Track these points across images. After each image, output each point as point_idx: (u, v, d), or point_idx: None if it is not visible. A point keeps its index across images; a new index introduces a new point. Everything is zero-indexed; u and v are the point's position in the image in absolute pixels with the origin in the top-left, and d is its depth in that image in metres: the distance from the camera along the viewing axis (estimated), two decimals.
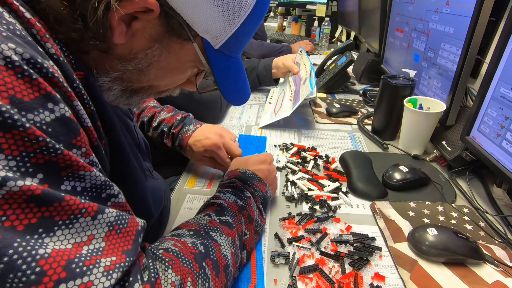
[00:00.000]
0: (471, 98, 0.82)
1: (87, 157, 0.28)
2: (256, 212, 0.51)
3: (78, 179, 0.26)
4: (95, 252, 0.26)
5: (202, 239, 0.39)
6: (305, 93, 0.85)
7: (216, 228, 0.42)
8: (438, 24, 0.79)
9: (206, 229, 0.42)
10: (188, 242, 0.37)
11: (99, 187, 0.28)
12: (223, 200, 0.48)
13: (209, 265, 0.36)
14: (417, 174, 0.67)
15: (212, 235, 0.41)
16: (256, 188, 0.54)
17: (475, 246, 0.49)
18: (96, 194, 0.28)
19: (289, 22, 2.47)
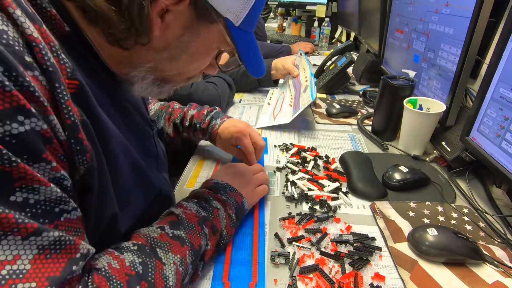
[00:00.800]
0: (471, 98, 0.82)
1: (57, 171, 0.28)
2: (223, 223, 0.50)
3: (32, 191, 0.26)
4: (16, 274, 0.25)
5: (144, 257, 0.37)
6: (306, 102, 0.86)
7: (165, 244, 0.40)
8: (437, 25, 0.79)
9: (153, 245, 0.40)
10: (126, 261, 0.35)
11: (54, 201, 0.28)
12: (184, 210, 0.47)
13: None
14: (417, 175, 0.67)
15: (158, 252, 0.39)
16: (228, 197, 0.53)
17: (475, 246, 0.50)
18: (50, 208, 0.28)
19: (289, 22, 2.47)
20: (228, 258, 0.50)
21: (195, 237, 0.44)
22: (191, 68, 0.44)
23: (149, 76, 0.41)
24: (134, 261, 0.36)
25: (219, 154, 0.79)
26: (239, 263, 0.49)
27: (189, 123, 0.73)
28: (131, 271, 0.35)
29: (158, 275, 0.37)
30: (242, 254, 0.51)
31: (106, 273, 0.32)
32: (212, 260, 0.49)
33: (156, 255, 0.39)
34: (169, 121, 0.74)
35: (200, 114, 0.73)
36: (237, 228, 0.55)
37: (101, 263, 0.34)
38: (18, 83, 0.25)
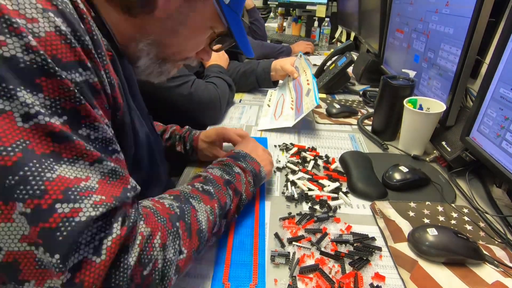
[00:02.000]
0: (471, 98, 0.82)
1: (104, 118, 0.34)
2: (244, 186, 0.54)
3: (93, 129, 0.32)
4: (90, 188, 0.30)
5: (180, 203, 0.43)
6: (310, 106, 0.85)
7: (196, 196, 0.46)
8: (437, 25, 0.79)
9: (186, 196, 0.45)
10: (166, 203, 0.41)
11: (108, 140, 0.33)
12: (209, 173, 0.52)
13: (182, 226, 0.40)
14: (417, 175, 0.67)
15: (191, 201, 0.45)
16: (247, 164, 0.57)
17: (475, 246, 0.50)
18: (105, 146, 0.33)
19: (289, 22, 2.47)
20: (228, 258, 0.50)
21: (221, 195, 0.49)
22: (189, 45, 0.49)
23: (152, 51, 0.46)
24: (172, 205, 0.42)
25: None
26: (239, 264, 0.49)
27: (169, 136, 0.76)
28: (170, 211, 0.40)
29: (193, 218, 0.42)
30: (242, 255, 0.50)
31: (151, 209, 0.38)
32: (212, 261, 0.49)
33: (189, 203, 0.44)
34: None
35: (182, 129, 0.77)
36: (240, 218, 0.57)
37: (145, 204, 0.39)
38: (81, 42, 0.31)
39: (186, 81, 0.90)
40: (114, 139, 0.34)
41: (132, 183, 0.35)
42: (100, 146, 0.32)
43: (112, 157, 0.34)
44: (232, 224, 0.56)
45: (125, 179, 0.34)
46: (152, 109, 0.79)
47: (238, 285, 0.46)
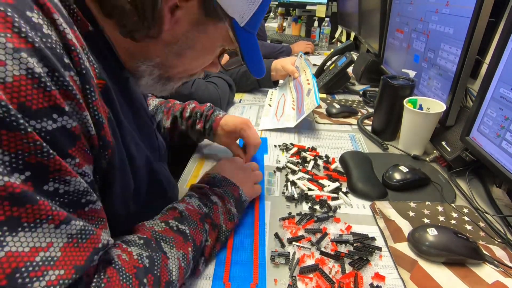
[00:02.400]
0: (471, 98, 0.82)
1: (79, 168, 0.30)
2: (222, 217, 0.51)
3: (63, 182, 0.28)
4: (48, 260, 0.26)
5: (150, 251, 0.39)
6: (311, 106, 0.85)
7: (169, 239, 0.42)
8: (437, 25, 0.79)
9: (158, 239, 0.41)
10: (134, 254, 0.37)
11: (81, 192, 0.30)
12: (186, 205, 0.48)
13: (150, 281, 0.36)
14: (417, 175, 0.67)
15: (163, 246, 0.41)
16: (225, 189, 0.54)
17: (475, 246, 0.50)
18: (77, 199, 0.30)
19: (289, 22, 2.47)
20: (229, 258, 0.50)
21: (197, 233, 0.46)
22: (195, 64, 0.47)
23: (156, 72, 0.43)
24: (141, 254, 0.37)
25: (219, 154, 0.79)
26: (239, 264, 0.49)
27: (189, 114, 0.74)
28: (138, 264, 0.36)
29: (163, 268, 0.38)
30: (243, 255, 0.51)
31: (117, 265, 0.34)
32: (213, 260, 0.49)
33: (161, 249, 0.40)
34: (168, 114, 0.75)
35: (202, 106, 0.75)
36: (240, 219, 0.56)
37: (112, 256, 0.35)
38: (59, 83, 0.28)
39: (186, 81, 0.90)
40: (88, 189, 0.31)
41: (104, 239, 0.32)
42: (70, 200, 0.29)
43: (85, 209, 0.31)
44: None
45: (96, 238, 0.31)
46: None
47: (238, 284, 0.46)
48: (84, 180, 0.31)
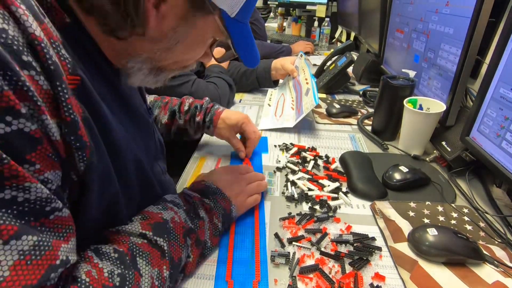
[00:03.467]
0: (471, 98, 0.82)
1: (40, 174, 0.28)
2: (207, 234, 0.49)
3: (23, 190, 0.26)
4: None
5: (124, 268, 0.36)
6: (309, 106, 0.86)
7: (145, 254, 0.39)
8: (438, 25, 0.79)
9: (134, 253, 0.38)
10: (105, 271, 0.34)
11: (44, 200, 0.28)
12: (173, 216, 0.45)
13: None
14: (417, 175, 0.67)
15: (138, 262, 0.38)
16: (216, 202, 0.52)
17: (475, 246, 0.50)
18: (40, 207, 0.28)
19: (289, 22, 2.47)
20: (231, 257, 0.50)
21: (176, 249, 0.43)
22: (186, 57, 0.45)
23: (145, 67, 0.41)
24: (112, 272, 0.35)
25: (219, 154, 0.79)
26: (241, 262, 0.49)
27: (188, 108, 0.74)
28: (108, 283, 0.34)
29: (134, 287, 0.36)
30: (244, 253, 0.51)
31: (82, 284, 0.31)
32: (214, 260, 0.49)
33: (135, 266, 0.37)
34: (165, 109, 0.74)
35: (201, 101, 0.75)
36: (240, 218, 0.57)
37: (79, 272, 0.32)
38: (13, 82, 0.25)
39: (186, 81, 0.90)
40: (52, 197, 0.28)
41: (63, 255, 0.29)
42: (32, 208, 0.27)
43: (50, 217, 0.28)
44: (233, 223, 0.56)
45: (53, 254, 0.28)
46: None
47: (241, 282, 0.46)
48: (48, 188, 0.29)
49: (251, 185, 0.59)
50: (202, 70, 1.12)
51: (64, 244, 0.30)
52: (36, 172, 0.28)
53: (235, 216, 0.55)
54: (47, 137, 0.28)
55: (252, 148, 0.74)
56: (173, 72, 0.46)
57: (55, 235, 0.29)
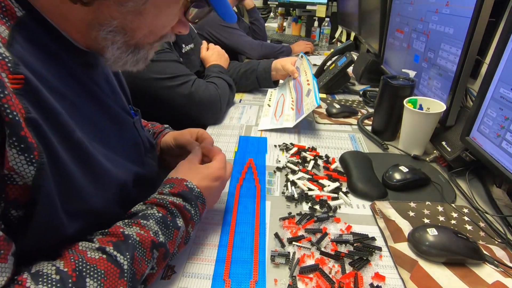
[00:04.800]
0: (471, 98, 0.82)
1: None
2: (178, 242, 0.45)
3: None
4: None
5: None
6: (310, 107, 0.85)
7: (100, 273, 0.34)
8: (438, 25, 0.79)
9: (83, 273, 0.34)
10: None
11: None
12: (140, 230, 0.40)
13: None
14: (417, 175, 0.67)
15: (87, 283, 0.33)
16: (196, 210, 0.47)
17: (475, 246, 0.50)
18: None
19: (289, 22, 2.47)
20: (229, 256, 0.50)
21: (141, 264, 0.39)
22: (160, 22, 0.42)
23: (118, 39, 0.39)
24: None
25: None
26: (239, 262, 0.49)
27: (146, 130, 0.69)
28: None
29: None
30: (243, 253, 0.51)
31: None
32: (213, 260, 0.50)
33: None
34: None
35: (161, 127, 0.70)
36: (241, 218, 0.55)
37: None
38: None
39: (186, 81, 0.90)
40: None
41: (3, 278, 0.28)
42: None
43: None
44: (233, 223, 0.56)
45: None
46: (151, 109, 0.80)
47: (238, 282, 0.46)
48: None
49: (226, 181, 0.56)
50: (202, 70, 1.13)
51: None
52: None
53: None
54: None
55: None
56: (151, 47, 0.44)
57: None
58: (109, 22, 0.37)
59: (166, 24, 0.43)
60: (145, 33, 0.41)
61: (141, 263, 0.39)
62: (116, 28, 0.38)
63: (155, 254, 0.41)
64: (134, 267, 0.38)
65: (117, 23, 0.38)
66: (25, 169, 0.30)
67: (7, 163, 0.29)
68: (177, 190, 0.46)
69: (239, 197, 0.63)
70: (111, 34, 0.38)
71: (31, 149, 0.30)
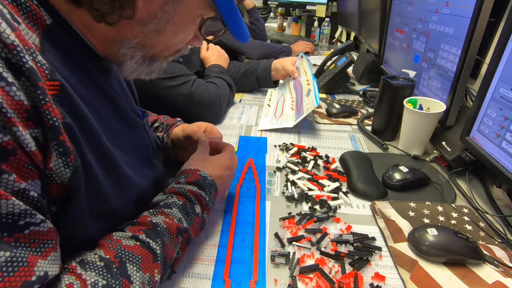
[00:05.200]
0: (471, 98, 0.82)
1: (20, 182, 0.28)
2: (197, 228, 0.48)
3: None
4: None
5: (110, 278, 0.34)
6: (310, 107, 0.85)
7: (137, 258, 0.38)
8: (437, 25, 0.79)
9: (123, 259, 0.37)
10: (88, 282, 0.32)
11: (17, 214, 0.27)
12: (165, 218, 0.44)
13: None
14: (417, 175, 0.67)
15: (128, 268, 0.36)
16: (211, 197, 0.51)
17: (475, 246, 0.50)
18: (12, 221, 0.27)
19: (289, 22, 2.47)
20: (229, 256, 0.50)
21: (170, 249, 0.42)
22: (178, 40, 0.44)
23: (138, 54, 0.41)
24: (96, 283, 0.33)
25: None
26: (239, 262, 0.49)
27: (158, 125, 0.73)
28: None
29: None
30: (243, 253, 0.51)
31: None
32: (213, 260, 0.50)
33: (124, 273, 0.36)
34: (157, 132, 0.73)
35: (173, 120, 0.73)
36: (241, 218, 0.57)
37: (61, 284, 0.31)
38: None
39: (186, 81, 0.90)
40: (28, 211, 0.28)
41: (41, 270, 0.28)
42: (3, 223, 0.26)
43: (25, 232, 0.28)
44: (233, 223, 0.56)
45: (28, 270, 0.27)
46: (151, 109, 0.80)
47: (238, 282, 0.46)
48: (26, 198, 0.28)
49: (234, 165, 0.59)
50: (202, 70, 1.13)
51: (42, 260, 0.29)
52: (11, 183, 0.27)
53: None
54: (21, 148, 0.28)
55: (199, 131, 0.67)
56: (166, 60, 0.46)
57: (31, 250, 0.28)
58: (130, 40, 0.40)
59: (183, 40, 0.45)
60: (162, 48, 0.43)
61: (169, 248, 0.42)
62: (137, 45, 0.40)
63: (179, 239, 0.44)
64: (165, 251, 0.41)
65: (138, 40, 0.40)
66: (62, 171, 0.32)
67: (49, 163, 0.31)
68: (192, 179, 0.50)
69: (239, 197, 0.63)
70: (131, 50, 0.40)
71: (68, 153, 0.32)
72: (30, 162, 0.29)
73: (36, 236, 0.29)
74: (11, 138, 0.27)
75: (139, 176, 0.47)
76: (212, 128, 0.69)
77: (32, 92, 0.28)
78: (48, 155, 0.30)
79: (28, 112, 0.28)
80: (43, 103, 0.29)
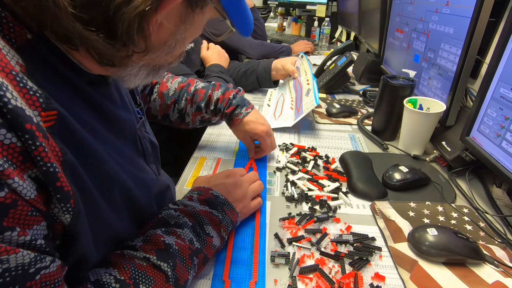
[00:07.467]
0: (471, 98, 0.82)
1: (25, 235, 0.26)
2: (215, 248, 0.48)
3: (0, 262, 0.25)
4: None
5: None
6: (310, 106, 0.85)
7: (149, 280, 0.38)
8: (438, 25, 0.79)
9: (137, 280, 0.37)
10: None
11: (27, 264, 0.27)
12: (177, 239, 0.44)
13: None
14: (417, 174, 0.67)
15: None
16: (224, 215, 0.50)
17: (475, 246, 0.50)
18: (22, 271, 0.26)
19: (289, 22, 2.47)
20: (229, 257, 0.50)
21: (183, 272, 0.42)
22: (182, 50, 0.42)
23: (142, 73, 0.39)
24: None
25: (219, 154, 0.79)
26: (239, 262, 0.49)
27: (214, 107, 0.73)
28: None
29: None
30: (243, 254, 0.51)
31: None
32: (213, 261, 0.50)
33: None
34: (192, 102, 0.74)
35: (225, 97, 0.73)
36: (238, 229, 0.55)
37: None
38: None
39: None
40: (37, 257, 0.27)
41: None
42: (14, 276, 0.26)
43: (36, 278, 0.27)
44: None
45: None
46: None
47: (238, 282, 0.46)
48: (33, 246, 0.27)
49: (253, 186, 0.59)
50: (202, 70, 1.12)
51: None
52: (15, 238, 0.26)
53: (237, 224, 0.55)
54: (21, 198, 0.26)
55: (260, 156, 0.76)
56: (170, 66, 0.44)
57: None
58: (135, 63, 0.36)
59: (185, 47, 0.43)
60: (166, 59, 0.41)
61: (182, 269, 0.42)
62: (142, 67, 0.38)
63: (195, 261, 0.44)
64: (176, 273, 0.41)
65: (144, 63, 0.37)
66: (61, 215, 0.30)
67: (50, 206, 0.29)
68: (204, 197, 0.51)
69: None
70: (135, 70, 0.37)
71: (68, 198, 0.30)
72: (32, 209, 0.27)
73: (47, 279, 0.29)
74: (9, 192, 0.25)
75: (139, 189, 0.45)
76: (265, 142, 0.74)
77: (19, 136, 0.25)
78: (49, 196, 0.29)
79: (23, 153, 0.26)
80: (33, 149, 0.26)
